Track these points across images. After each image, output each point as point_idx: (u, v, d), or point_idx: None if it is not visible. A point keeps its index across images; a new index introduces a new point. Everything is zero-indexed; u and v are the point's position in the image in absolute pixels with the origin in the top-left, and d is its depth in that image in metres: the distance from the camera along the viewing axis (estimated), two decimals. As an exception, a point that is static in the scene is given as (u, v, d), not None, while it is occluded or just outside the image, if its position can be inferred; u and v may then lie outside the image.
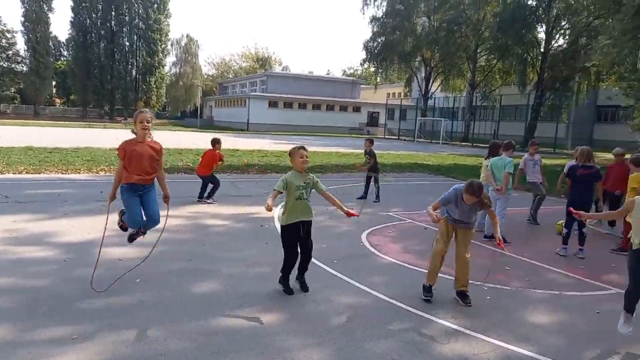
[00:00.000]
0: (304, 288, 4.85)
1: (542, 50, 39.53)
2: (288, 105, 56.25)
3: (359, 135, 51.34)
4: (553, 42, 39.93)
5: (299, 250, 4.79)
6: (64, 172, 12.29)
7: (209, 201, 9.30)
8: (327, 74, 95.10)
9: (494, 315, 4.41)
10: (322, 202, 4.85)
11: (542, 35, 40.31)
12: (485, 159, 8.01)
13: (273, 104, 55.38)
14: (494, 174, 7.54)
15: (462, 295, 4.69)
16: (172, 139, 28.31)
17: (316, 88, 60.28)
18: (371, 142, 10.98)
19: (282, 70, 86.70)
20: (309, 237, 4.85)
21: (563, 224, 7.03)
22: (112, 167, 13.58)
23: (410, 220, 8.59)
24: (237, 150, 21.08)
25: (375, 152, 10.91)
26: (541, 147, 8.88)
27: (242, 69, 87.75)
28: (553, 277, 5.69)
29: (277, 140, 34.09)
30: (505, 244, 7.14)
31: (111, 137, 27.70)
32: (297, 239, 4.77)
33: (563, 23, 38.97)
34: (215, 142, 9.64)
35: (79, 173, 12.31)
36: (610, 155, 28.00)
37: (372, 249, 6.49)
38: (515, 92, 41.53)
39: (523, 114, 44.91)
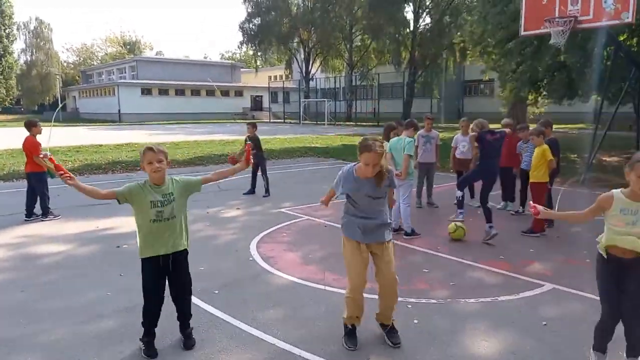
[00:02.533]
0: (188, 344, 3.40)
1: (411, 28, 40.92)
2: (163, 92, 52.03)
3: (244, 121, 49.27)
4: (421, 20, 41.52)
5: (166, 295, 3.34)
6: None
7: (47, 219, 7.16)
8: (205, 58, 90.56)
9: (428, 353, 3.34)
10: (198, 205, 3.37)
11: (410, 15, 41.67)
12: None
13: (146, 91, 50.78)
14: (393, 158, 6.58)
15: (390, 333, 3.49)
16: (19, 138, 24.01)
17: (193, 73, 56.57)
18: (254, 126, 9.53)
19: (155, 55, 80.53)
20: (183, 273, 3.40)
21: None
22: None
23: (307, 217, 7.38)
24: (101, 145, 18.21)
25: (262, 137, 9.52)
26: (420, 123, 8.16)
27: (108, 54, 79.79)
28: (478, 277, 4.85)
29: (153, 131, 30.98)
30: (415, 236, 6.30)
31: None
32: (160, 278, 3.30)
33: (428, 2, 40.58)
34: (32, 125, 7.06)
35: None
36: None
37: (264, 265, 5.14)
38: (391, 70, 42.70)
39: (399, 92, 46.44)
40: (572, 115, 27.60)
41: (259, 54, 55.24)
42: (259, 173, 9.43)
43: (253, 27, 49.84)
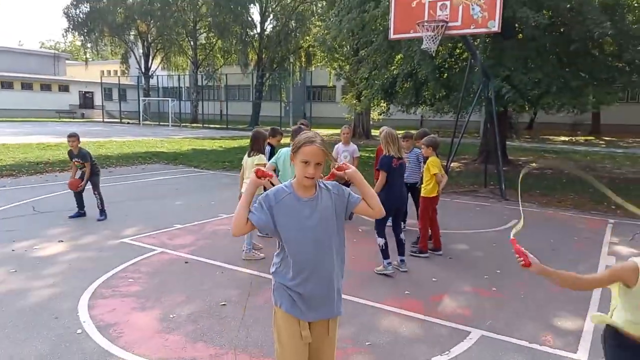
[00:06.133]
0: None
1: (258, 30, 40.28)
2: (-38, 83, 42.90)
3: (72, 120, 43.16)
4: (267, 23, 41.09)
5: None
6: None
7: None
8: (20, 45, 77.84)
9: None
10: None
11: (257, 17, 40.98)
12: (248, 154, 5.50)
13: None
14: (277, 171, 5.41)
15: None
16: None
17: (4, 62, 47.84)
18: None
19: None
20: None
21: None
22: None
23: (161, 249, 5.73)
24: None
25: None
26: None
27: None
28: (392, 326, 3.91)
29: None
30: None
31: None
32: None
33: (274, 5, 40.31)
34: None
35: None
36: (327, 130, 29.98)
37: (101, 340, 3.44)
38: (238, 72, 41.46)
39: (247, 94, 45.47)
40: (400, 122, 29.72)
41: (88, 45, 48.92)
42: (89, 188, 7.36)
43: (80, 13, 43.88)
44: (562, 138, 28.37)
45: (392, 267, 5.03)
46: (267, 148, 6.40)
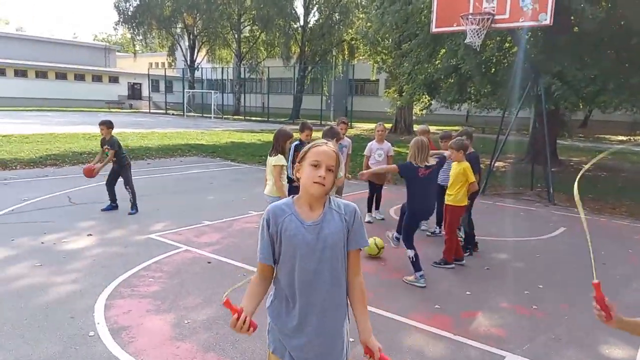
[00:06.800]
0: None
1: (301, 23, 40.15)
2: (21, 73, 45.04)
3: (120, 110, 44.63)
4: (311, 15, 40.88)
5: None
6: None
7: None
8: (74, 38, 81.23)
9: None
10: (31, 229, 1.68)
11: (300, 10, 40.87)
12: (270, 154, 5.13)
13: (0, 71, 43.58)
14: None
15: None
16: None
17: (59, 54, 50.02)
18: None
19: (16, 31, 69.97)
20: None
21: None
22: None
23: (186, 247, 5.65)
24: None
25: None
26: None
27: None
28: (415, 344, 3.61)
29: (5, 119, 26.06)
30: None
31: None
32: None
33: (318, -2, 40.04)
34: None
35: None
36: (368, 125, 29.27)
37: (112, 345, 3.33)
38: (280, 65, 41.53)
39: (289, 87, 45.49)
40: (444, 118, 28.80)
41: (138, 37, 50.40)
42: (120, 181, 7.39)
43: (130, 7, 45.22)
44: (620, 138, 26.72)
45: (425, 281, 4.70)
46: (295, 144, 6.16)
